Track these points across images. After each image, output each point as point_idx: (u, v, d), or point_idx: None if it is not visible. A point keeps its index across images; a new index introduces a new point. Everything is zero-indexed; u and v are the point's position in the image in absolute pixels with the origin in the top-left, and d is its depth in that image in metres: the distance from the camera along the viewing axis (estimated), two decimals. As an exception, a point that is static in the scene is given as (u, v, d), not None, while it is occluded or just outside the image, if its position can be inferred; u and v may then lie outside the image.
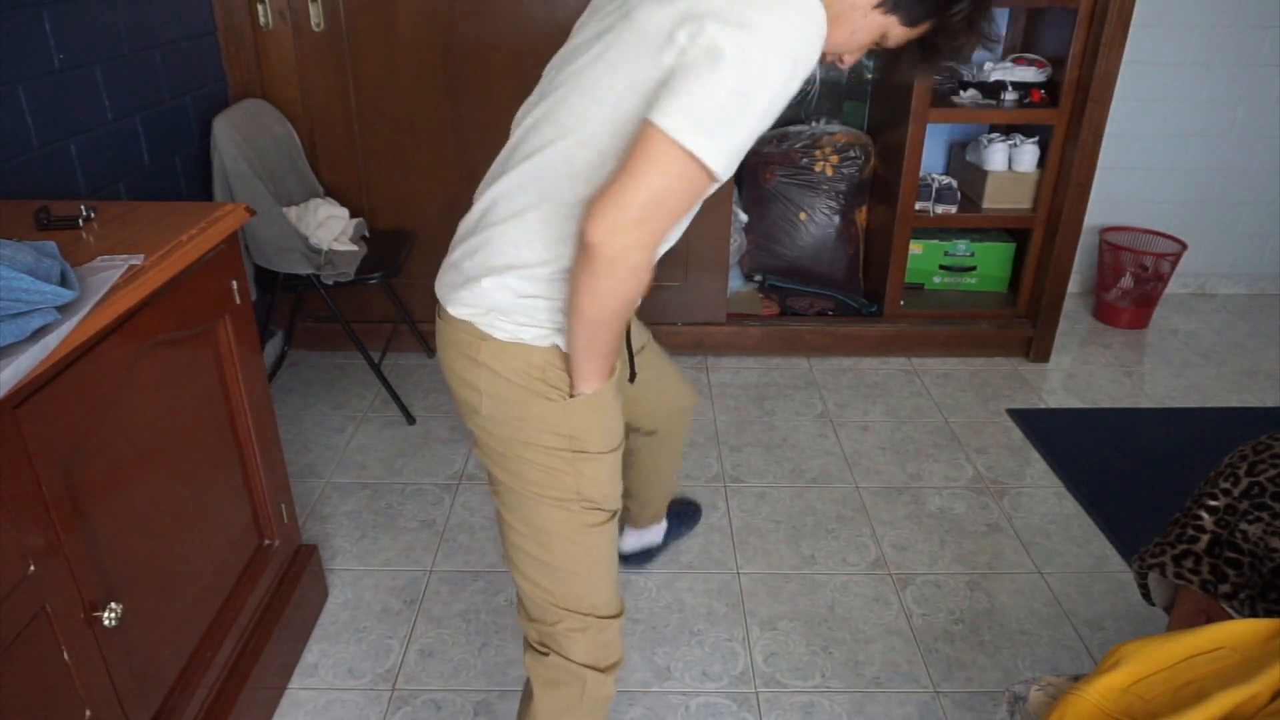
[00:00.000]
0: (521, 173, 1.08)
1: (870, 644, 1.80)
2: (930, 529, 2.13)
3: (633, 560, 1.99)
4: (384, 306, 2.83)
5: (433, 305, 1.20)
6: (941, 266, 3.04)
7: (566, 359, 1.12)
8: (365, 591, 1.92)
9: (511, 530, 1.22)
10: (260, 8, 2.49)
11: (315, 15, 2.51)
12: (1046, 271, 2.81)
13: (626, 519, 1.93)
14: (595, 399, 1.14)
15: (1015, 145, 2.79)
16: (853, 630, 1.83)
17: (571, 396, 1.13)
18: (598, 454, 1.17)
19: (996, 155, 2.80)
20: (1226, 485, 1.25)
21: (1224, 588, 1.19)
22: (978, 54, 2.93)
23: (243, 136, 2.29)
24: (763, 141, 2.96)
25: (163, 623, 1.32)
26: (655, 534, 2.00)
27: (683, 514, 2.11)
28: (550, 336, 1.11)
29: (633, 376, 1.38)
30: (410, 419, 2.54)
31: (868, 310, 2.95)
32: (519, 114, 1.15)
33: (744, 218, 2.95)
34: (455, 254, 1.16)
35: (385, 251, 2.51)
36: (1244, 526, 1.19)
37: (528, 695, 1.31)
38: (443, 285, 1.17)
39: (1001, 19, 2.97)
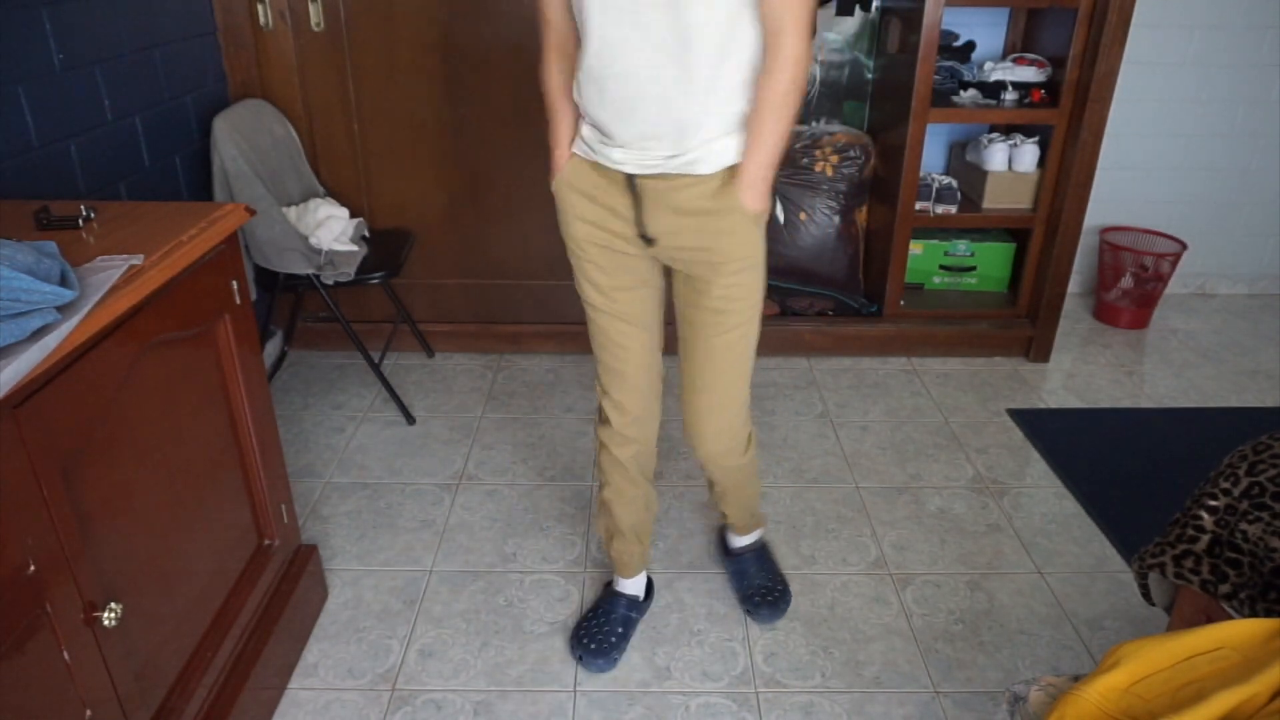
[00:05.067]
0: None
1: (870, 644, 1.80)
2: (930, 529, 2.13)
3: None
4: (384, 306, 2.83)
5: (432, 305, 1.20)
6: (941, 266, 3.04)
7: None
8: (365, 591, 1.92)
9: None
10: (260, 8, 2.49)
11: (315, 15, 2.51)
12: (1046, 271, 2.81)
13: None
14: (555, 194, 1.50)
15: (1015, 145, 2.79)
16: (853, 630, 1.83)
17: None
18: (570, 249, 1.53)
19: (996, 155, 2.80)
20: (1226, 485, 1.25)
21: (1224, 588, 1.19)
22: (978, 54, 2.94)
23: (243, 136, 2.29)
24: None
25: (163, 623, 1.32)
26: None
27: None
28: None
29: (643, 234, 1.45)
30: (410, 419, 2.54)
31: (868, 310, 2.95)
32: None
33: (744, 218, 2.95)
34: None
35: (385, 251, 2.51)
36: (1244, 526, 1.19)
37: None
38: None
39: (1001, 19, 2.97)
